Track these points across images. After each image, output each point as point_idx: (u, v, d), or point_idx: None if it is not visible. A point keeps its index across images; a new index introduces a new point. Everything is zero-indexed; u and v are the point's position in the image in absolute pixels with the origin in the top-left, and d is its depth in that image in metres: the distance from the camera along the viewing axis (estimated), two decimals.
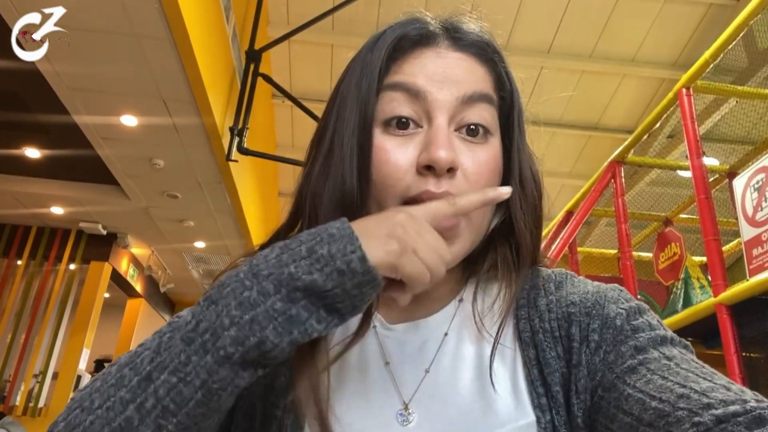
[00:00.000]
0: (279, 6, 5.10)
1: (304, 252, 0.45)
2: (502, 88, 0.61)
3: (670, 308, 3.30)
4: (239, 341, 0.43)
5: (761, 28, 3.02)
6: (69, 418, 0.46)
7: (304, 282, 0.43)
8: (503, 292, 0.59)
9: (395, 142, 0.55)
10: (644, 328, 0.52)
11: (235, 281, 0.45)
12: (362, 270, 0.44)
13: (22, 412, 6.00)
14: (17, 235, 6.47)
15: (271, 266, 0.45)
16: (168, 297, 9.39)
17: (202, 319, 0.45)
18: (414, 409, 0.54)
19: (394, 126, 0.56)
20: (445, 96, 0.55)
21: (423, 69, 0.57)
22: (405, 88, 0.56)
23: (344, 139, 0.56)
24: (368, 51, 0.59)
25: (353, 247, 0.44)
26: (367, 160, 0.55)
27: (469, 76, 0.57)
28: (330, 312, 0.45)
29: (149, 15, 3.20)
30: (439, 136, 0.54)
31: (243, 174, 5.22)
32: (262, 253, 0.47)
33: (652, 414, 0.43)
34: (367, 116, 0.56)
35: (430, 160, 0.53)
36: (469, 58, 0.59)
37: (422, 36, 0.58)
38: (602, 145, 6.07)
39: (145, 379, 0.44)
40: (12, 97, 4.30)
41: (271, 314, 0.43)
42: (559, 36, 5.26)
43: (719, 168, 3.70)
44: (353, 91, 0.57)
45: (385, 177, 0.55)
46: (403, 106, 0.56)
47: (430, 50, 0.58)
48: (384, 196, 0.55)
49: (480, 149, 0.57)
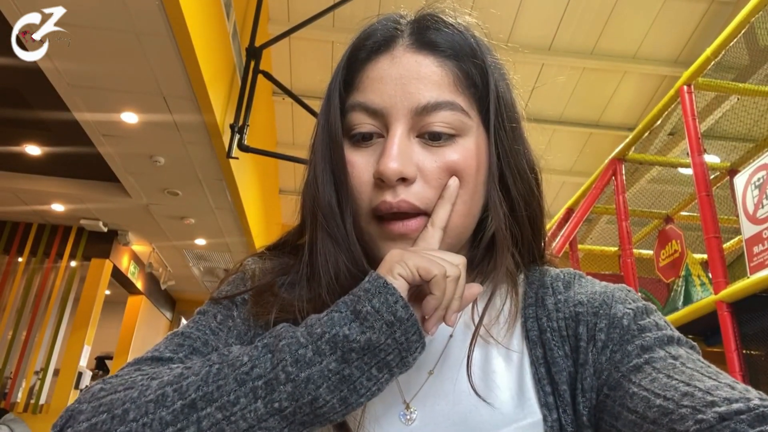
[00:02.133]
0: (279, 3, 5.09)
1: (351, 315, 0.47)
2: (473, 85, 0.58)
3: (671, 305, 3.30)
4: (294, 397, 0.44)
5: (762, 25, 3.02)
6: (95, 421, 0.45)
7: (360, 343, 0.45)
8: (509, 296, 0.59)
9: (360, 155, 0.57)
10: (651, 327, 0.53)
11: (291, 336, 0.47)
12: (407, 316, 0.46)
13: (23, 409, 6.01)
14: (18, 233, 6.48)
15: (324, 325, 0.46)
16: (169, 294, 9.40)
17: (257, 364, 0.46)
18: (416, 408, 0.54)
19: (359, 139, 0.57)
20: (400, 110, 0.55)
21: (378, 84, 0.57)
22: (363, 107, 0.57)
23: (319, 151, 0.59)
24: (341, 60, 0.60)
25: (394, 297, 0.46)
26: (340, 174, 0.57)
27: (425, 84, 0.56)
28: (380, 370, 0.46)
29: (149, 12, 3.19)
30: (390, 148, 0.54)
31: (244, 171, 5.22)
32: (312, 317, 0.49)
33: (656, 412, 0.44)
34: (333, 133, 0.57)
35: (377, 172, 0.54)
36: (426, 60, 0.57)
37: (381, 42, 0.58)
38: (603, 143, 6.06)
39: (189, 406, 0.44)
40: (13, 94, 4.30)
41: (326, 374, 0.44)
42: (560, 33, 5.25)
43: (720, 165, 3.70)
44: (325, 105, 0.59)
45: (352, 190, 0.56)
46: (365, 123, 0.56)
47: (385, 57, 0.58)
48: (355, 208, 0.57)
49: (444, 151, 0.56)
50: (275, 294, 0.58)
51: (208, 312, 0.59)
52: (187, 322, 0.60)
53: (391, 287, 0.47)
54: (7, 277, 6.46)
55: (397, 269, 0.49)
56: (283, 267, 0.62)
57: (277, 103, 6.20)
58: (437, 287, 0.49)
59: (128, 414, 0.45)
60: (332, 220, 0.56)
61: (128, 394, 0.46)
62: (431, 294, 0.49)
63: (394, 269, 0.49)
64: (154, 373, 0.49)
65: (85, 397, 0.48)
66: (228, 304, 0.60)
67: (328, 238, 0.56)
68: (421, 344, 0.48)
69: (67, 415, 0.47)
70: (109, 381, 0.50)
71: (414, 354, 0.47)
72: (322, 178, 0.57)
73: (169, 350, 0.54)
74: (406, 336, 0.46)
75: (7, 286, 6.44)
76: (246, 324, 0.59)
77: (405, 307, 0.46)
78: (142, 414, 0.45)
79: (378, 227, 0.56)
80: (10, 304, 6.35)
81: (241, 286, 0.61)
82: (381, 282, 0.47)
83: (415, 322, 0.47)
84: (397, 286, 0.47)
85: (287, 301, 0.57)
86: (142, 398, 0.46)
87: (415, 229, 0.54)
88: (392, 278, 0.48)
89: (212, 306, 0.60)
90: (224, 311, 0.59)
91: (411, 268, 0.48)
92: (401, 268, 0.49)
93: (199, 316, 0.59)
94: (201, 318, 0.59)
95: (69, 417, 0.47)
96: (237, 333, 0.58)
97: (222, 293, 0.61)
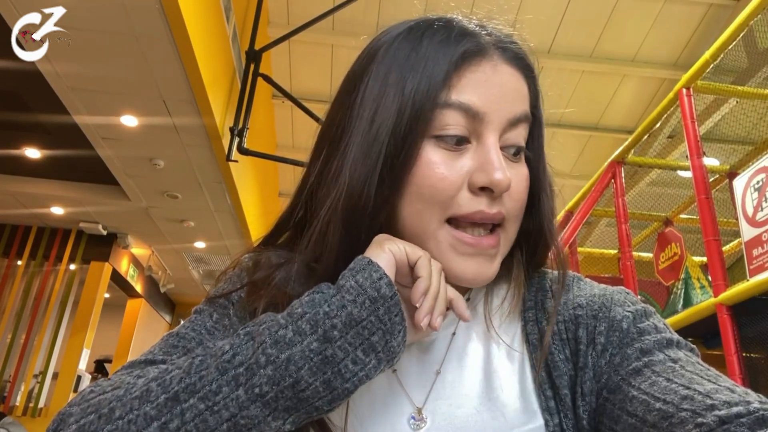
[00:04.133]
0: (279, 6, 5.10)
1: (333, 290, 0.46)
2: (535, 105, 0.59)
3: (671, 308, 3.29)
4: (275, 380, 0.43)
5: (761, 28, 3.02)
6: (83, 423, 0.45)
7: (341, 318, 0.44)
8: (512, 292, 0.59)
9: (446, 156, 0.53)
10: (650, 331, 0.52)
11: (271, 320, 0.46)
12: (390, 294, 0.46)
13: (22, 413, 6.00)
14: (17, 235, 6.47)
15: (305, 305, 0.46)
16: (168, 297, 9.39)
17: (238, 351, 0.45)
18: (427, 413, 0.54)
19: (447, 141, 0.53)
20: (499, 117, 0.54)
21: (481, 86, 0.54)
22: (464, 108, 0.53)
23: (374, 144, 0.53)
24: (411, 51, 0.55)
25: (378, 274, 0.46)
26: (406, 170, 0.53)
27: (518, 95, 0.56)
28: (366, 353, 0.45)
29: (149, 15, 3.20)
30: (496, 158, 0.53)
31: (243, 174, 5.22)
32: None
33: (656, 415, 0.43)
34: (417, 127, 0.53)
35: (489, 182, 0.52)
36: (517, 73, 0.57)
37: (481, 47, 0.56)
38: (602, 145, 6.07)
39: (172, 399, 0.44)
40: (12, 97, 4.30)
41: (307, 354, 0.44)
42: (559, 36, 5.25)
43: (719, 168, 3.70)
44: (396, 96, 0.53)
45: (434, 191, 0.53)
46: (459, 124, 0.53)
47: (487, 62, 0.55)
48: (428, 209, 0.53)
49: (520, 167, 0.57)
50: (269, 286, 0.57)
51: (204, 311, 0.59)
52: (184, 321, 0.59)
53: (376, 265, 0.47)
54: (6, 280, 6.45)
55: (388, 244, 0.50)
56: (279, 260, 0.61)
57: (276, 106, 6.20)
58: (423, 269, 0.50)
59: (114, 412, 0.45)
60: (360, 215, 0.53)
61: (115, 393, 0.46)
62: (419, 277, 0.50)
63: (385, 244, 0.50)
64: (141, 372, 0.49)
65: (76, 400, 0.48)
66: (224, 303, 0.59)
67: (342, 230, 0.53)
68: (403, 327, 0.47)
69: (58, 418, 0.47)
70: (99, 383, 0.50)
71: (397, 337, 0.47)
72: (371, 171, 0.52)
73: (163, 352, 0.54)
74: (389, 315, 0.46)
75: (6, 289, 6.43)
76: (242, 321, 0.58)
77: (389, 285, 0.46)
78: (127, 411, 0.44)
79: (452, 235, 0.54)
80: (9, 307, 6.34)
81: (237, 283, 0.61)
82: (366, 261, 0.48)
83: (398, 302, 0.47)
84: (383, 262, 0.48)
85: (281, 292, 0.56)
86: (127, 396, 0.45)
87: (493, 246, 0.55)
88: (381, 251, 0.49)
89: (208, 305, 0.60)
90: (220, 310, 0.59)
91: (400, 245, 0.51)
92: (392, 244, 0.50)
93: (196, 315, 0.59)
94: (197, 317, 0.59)
95: (60, 420, 0.47)
96: (233, 331, 0.58)
97: (218, 291, 0.61)
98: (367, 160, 0.53)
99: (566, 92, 5.73)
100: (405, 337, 0.48)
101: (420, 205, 0.53)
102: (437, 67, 0.53)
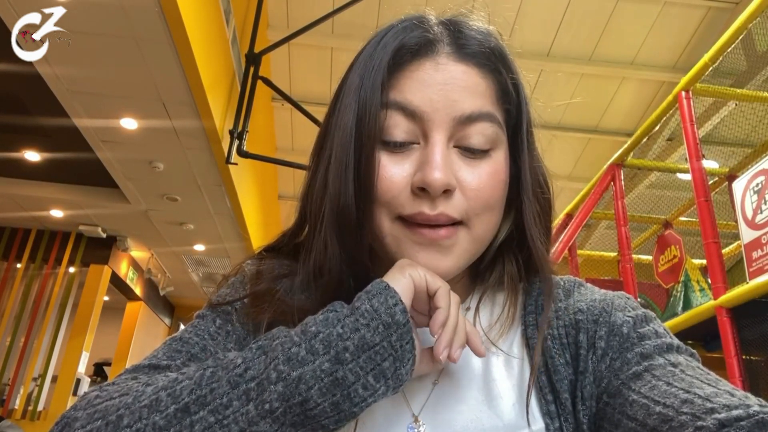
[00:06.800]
0: (279, 9, 5.11)
1: (347, 311, 0.46)
2: (508, 100, 0.58)
3: (670, 311, 3.29)
4: (285, 397, 0.43)
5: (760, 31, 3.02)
6: (90, 428, 0.45)
7: (353, 341, 0.44)
8: (508, 303, 0.59)
9: (393, 159, 0.54)
10: (650, 335, 0.53)
11: (285, 336, 0.46)
12: (404, 321, 0.46)
13: (21, 416, 5.99)
14: (17, 238, 6.47)
15: (319, 324, 0.46)
16: (168, 300, 9.38)
17: (251, 366, 0.45)
18: (424, 420, 0.54)
19: (391, 143, 0.54)
20: (442, 117, 0.53)
21: (420, 86, 0.54)
22: (401, 107, 0.53)
23: (342, 151, 0.54)
24: (368, 58, 0.56)
25: (394, 300, 0.46)
26: (366, 175, 0.53)
27: (469, 93, 0.54)
28: (377, 378, 0.45)
29: (149, 18, 3.20)
30: (434, 157, 0.52)
31: (243, 177, 5.22)
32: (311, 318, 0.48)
33: (656, 419, 0.43)
34: (365, 132, 0.53)
35: (423, 182, 0.51)
36: (471, 70, 0.55)
37: (421, 45, 0.55)
38: (602, 148, 6.07)
39: (182, 410, 0.44)
40: (12, 100, 4.30)
41: (318, 374, 0.43)
42: (558, 39, 5.26)
43: (719, 171, 3.70)
44: (352, 104, 0.55)
45: (381, 193, 0.53)
46: (400, 126, 0.54)
47: (429, 61, 0.55)
48: (379, 212, 0.54)
49: (481, 164, 0.55)
50: (273, 297, 0.58)
51: (207, 316, 0.59)
52: (186, 326, 0.59)
53: (392, 290, 0.47)
54: (5, 283, 6.44)
55: (409, 270, 0.49)
56: (282, 269, 0.61)
57: (276, 108, 6.21)
58: (442, 299, 0.49)
59: (122, 420, 0.44)
60: (347, 225, 0.53)
61: (123, 400, 0.46)
62: (438, 308, 0.49)
63: (406, 269, 0.49)
64: (150, 380, 0.49)
65: (81, 404, 0.48)
66: (227, 309, 0.60)
67: (337, 243, 0.54)
68: (413, 356, 0.47)
69: (62, 422, 0.47)
70: (105, 388, 0.50)
71: (406, 365, 0.46)
72: (343, 179, 0.53)
73: (167, 357, 0.54)
74: (401, 342, 0.45)
75: (5, 292, 6.42)
76: (245, 328, 0.58)
77: (404, 312, 0.46)
78: (135, 419, 0.44)
79: (406, 230, 0.54)
80: (8, 310, 6.33)
81: (240, 290, 0.61)
82: (383, 285, 0.47)
83: (410, 330, 0.46)
84: (400, 287, 0.47)
85: (285, 304, 0.57)
86: (136, 404, 0.45)
87: (446, 237, 0.53)
88: (401, 275, 0.49)
89: (211, 310, 0.60)
90: (223, 315, 0.59)
91: (421, 272, 0.50)
92: (413, 270, 0.50)
93: (198, 320, 0.59)
94: (200, 322, 0.59)
95: (65, 424, 0.46)
96: (236, 337, 0.58)
97: (221, 298, 0.61)
98: (341, 170, 0.54)
99: (565, 95, 5.74)
100: (413, 365, 0.47)
101: (375, 208, 0.54)
102: (379, 68, 0.54)
